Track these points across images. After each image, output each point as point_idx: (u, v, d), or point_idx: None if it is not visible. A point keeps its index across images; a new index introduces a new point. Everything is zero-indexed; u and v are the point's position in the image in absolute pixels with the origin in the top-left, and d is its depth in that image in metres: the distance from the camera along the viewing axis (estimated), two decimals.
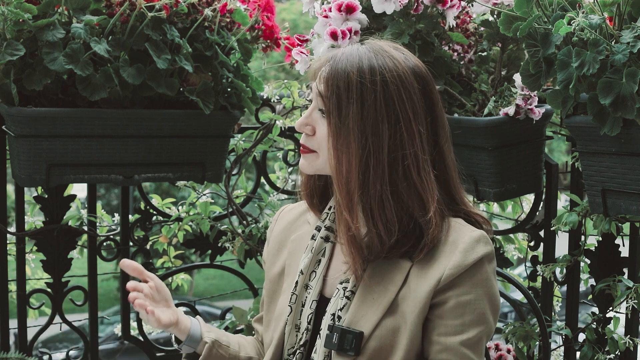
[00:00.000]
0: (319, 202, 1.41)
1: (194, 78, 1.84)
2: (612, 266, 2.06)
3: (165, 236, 2.22)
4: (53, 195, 2.04)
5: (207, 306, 9.66)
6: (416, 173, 1.23)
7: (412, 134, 1.23)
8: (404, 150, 1.22)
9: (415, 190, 1.23)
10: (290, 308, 1.33)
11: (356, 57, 1.25)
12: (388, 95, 1.22)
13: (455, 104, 1.85)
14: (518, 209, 2.31)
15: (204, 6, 1.82)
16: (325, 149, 1.27)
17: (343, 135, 1.22)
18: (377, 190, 1.22)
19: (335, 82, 1.23)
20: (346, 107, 1.22)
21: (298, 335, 1.32)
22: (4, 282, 2.00)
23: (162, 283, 1.40)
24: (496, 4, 1.76)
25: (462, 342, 1.22)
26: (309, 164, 1.31)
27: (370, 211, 1.23)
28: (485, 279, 1.25)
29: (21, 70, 1.69)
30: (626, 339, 2.01)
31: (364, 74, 1.22)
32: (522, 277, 2.30)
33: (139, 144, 1.83)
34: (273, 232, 1.48)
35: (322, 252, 1.35)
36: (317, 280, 1.33)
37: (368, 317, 1.25)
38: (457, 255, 1.24)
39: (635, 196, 1.51)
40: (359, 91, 1.22)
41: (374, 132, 1.21)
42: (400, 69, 1.24)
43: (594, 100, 1.43)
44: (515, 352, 2.07)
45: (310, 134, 1.30)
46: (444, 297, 1.23)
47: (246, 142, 2.18)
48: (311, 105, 1.30)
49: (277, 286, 1.41)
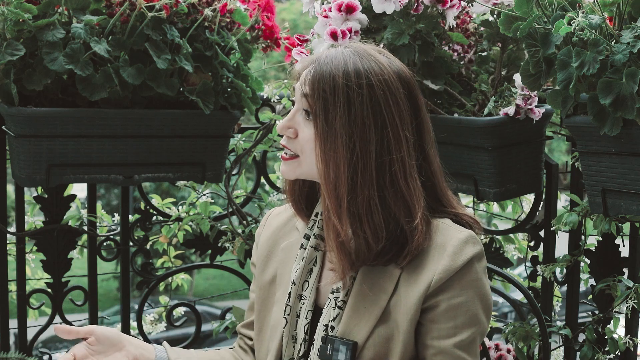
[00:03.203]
0: (306, 207, 1.39)
1: (194, 78, 1.84)
2: (612, 266, 2.06)
3: (165, 236, 2.22)
4: (53, 195, 2.05)
5: (207, 306, 9.65)
6: (403, 179, 1.22)
7: (399, 139, 1.22)
8: (391, 156, 1.21)
9: (402, 197, 1.22)
10: (286, 320, 1.31)
11: (341, 60, 1.22)
12: (375, 100, 1.21)
13: (455, 104, 1.85)
14: (518, 209, 2.31)
15: (204, 6, 1.82)
16: (308, 152, 1.25)
17: (330, 138, 1.20)
18: (365, 195, 1.20)
19: (321, 85, 1.21)
20: (333, 111, 1.20)
21: (296, 346, 1.31)
22: (4, 282, 2.00)
23: (103, 331, 1.30)
24: (496, 4, 1.76)
25: (456, 345, 1.22)
26: (290, 170, 1.29)
27: (358, 216, 1.21)
28: (475, 279, 1.24)
29: (21, 70, 1.69)
30: (626, 339, 2.01)
31: (350, 78, 1.20)
32: (522, 277, 2.30)
33: (139, 144, 1.83)
34: (261, 237, 1.46)
35: (313, 261, 1.34)
36: (311, 289, 1.32)
37: (361, 327, 1.24)
38: (445, 259, 1.23)
39: (635, 196, 1.51)
40: (346, 94, 1.20)
41: (361, 137, 1.20)
42: (386, 73, 1.22)
43: (594, 100, 1.43)
44: (515, 352, 2.07)
45: (293, 136, 1.27)
46: (435, 301, 1.23)
47: (246, 142, 2.18)
48: (294, 107, 1.28)
49: (268, 294, 1.39)
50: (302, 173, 1.29)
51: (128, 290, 2.22)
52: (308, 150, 1.25)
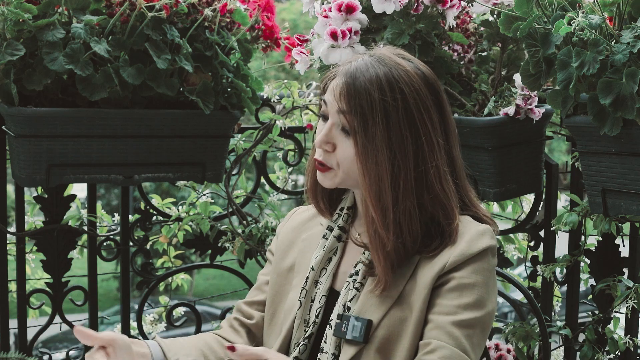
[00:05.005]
0: (325, 206, 1.43)
1: (194, 78, 1.84)
2: (612, 266, 2.06)
3: (165, 236, 2.22)
4: (53, 195, 2.04)
5: (207, 306, 9.65)
6: (439, 184, 1.26)
7: (432, 147, 1.26)
8: (426, 164, 1.25)
9: (439, 201, 1.27)
10: (300, 302, 1.35)
11: (373, 73, 1.25)
12: (409, 111, 1.24)
13: (455, 104, 1.85)
14: (518, 209, 2.31)
15: (204, 6, 1.82)
16: (346, 166, 1.28)
17: (372, 153, 1.24)
18: (407, 205, 1.25)
19: (357, 101, 1.24)
20: (372, 126, 1.23)
21: (306, 329, 1.34)
22: (4, 282, 2.00)
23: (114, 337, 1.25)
24: (496, 4, 1.76)
25: (454, 322, 1.23)
26: (329, 180, 1.32)
27: (400, 225, 1.25)
28: (488, 269, 1.27)
29: (21, 70, 1.69)
30: (626, 339, 2.02)
31: (384, 91, 1.23)
32: (522, 277, 2.30)
33: (139, 144, 1.83)
34: (284, 228, 1.50)
35: (334, 251, 1.38)
36: (327, 276, 1.36)
37: (376, 307, 1.27)
38: (462, 245, 1.26)
39: (635, 196, 1.51)
40: (383, 109, 1.23)
41: (400, 148, 1.24)
42: (415, 82, 1.26)
43: (594, 100, 1.43)
44: (515, 352, 2.07)
45: (331, 150, 1.30)
46: (446, 279, 1.26)
47: (246, 142, 2.18)
48: (328, 121, 1.30)
49: (284, 280, 1.43)
50: (340, 183, 1.32)
51: (128, 290, 2.22)
52: (347, 164, 1.29)
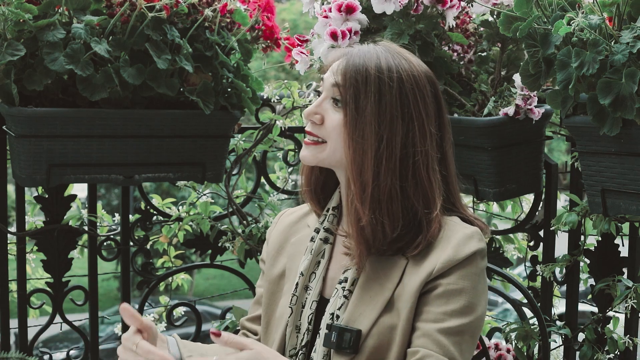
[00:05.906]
0: (323, 198, 1.42)
1: (194, 78, 1.84)
2: (612, 266, 2.06)
3: (165, 236, 2.23)
4: (53, 195, 2.05)
5: (207, 306, 9.65)
6: (425, 171, 1.26)
7: (424, 134, 1.26)
8: (415, 148, 1.25)
9: (422, 188, 1.26)
10: (291, 309, 1.34)
11: (374, 54, 1.28)
12: (404, 94, 1.25)
13: (455, 104, 1.86)
14: (518, 209, 2.31)
15: (204, 6, 1.82)
16: (335, 139, 1.28)
17: (359, 126, 1.24)
18: (387, 183, 1.24)
19: (353, 75, 1.26)
20: (364, 99, 1.25)
21: (299, 336, 1.33)
22: (5, 281, 2.00)
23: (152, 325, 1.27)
24: (496, 4, 1.76)
25: (441, 330, 1.22)
26: (312, 155, 1.32)
27: (379, 203, 1.25)
28: (476, 273, 1.26)
29: (22, 71, 1.69)
30: (625, 339, 2.02)
31: (382, 70, 1.25)
32: (522, 277, 2.30)
33: (139, 144, 1.83)
34: (272, 234, 1.49)
35: (321, 254, 1.37)
36: (317, 281, 1.35)
37: (365, 315, 1.26)
38: (449, 250, 1.25)
39: (634, 196, 1.51)
40: (377, 86, 1.25)
41: (389, 127, 1.24)
42: (415, 71, 1.28)
43: (594, 100, 1.43)
44: (515, 352, 2.07)
45: (319, 122, 1.30)
46: (433, 285, 1.25)
47: (246, 142, 2.18)
48: (322, 95, 1.31)
49: (276, 288, 1.42)
50: (323, 159, 1.31)
51: (128, 290, 2.22)
52: (334, 136, 1.28)
